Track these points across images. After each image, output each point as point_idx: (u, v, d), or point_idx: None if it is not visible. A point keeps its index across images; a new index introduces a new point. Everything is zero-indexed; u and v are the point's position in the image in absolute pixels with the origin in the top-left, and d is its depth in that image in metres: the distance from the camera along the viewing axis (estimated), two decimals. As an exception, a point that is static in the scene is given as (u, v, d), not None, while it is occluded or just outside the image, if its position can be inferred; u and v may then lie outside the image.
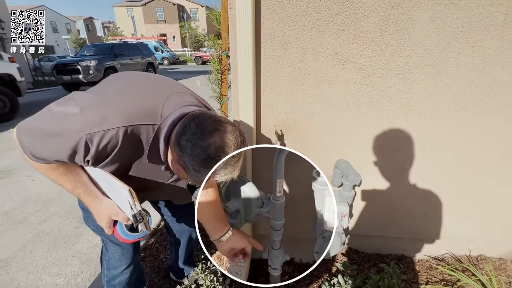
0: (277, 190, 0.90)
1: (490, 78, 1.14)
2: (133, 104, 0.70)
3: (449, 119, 1.23)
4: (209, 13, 1.87)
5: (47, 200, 2.55)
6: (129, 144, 0.70)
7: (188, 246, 1.34)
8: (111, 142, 0.67)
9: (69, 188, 0.78)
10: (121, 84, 0.79)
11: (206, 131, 0.64)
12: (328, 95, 1.22)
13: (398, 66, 1.15)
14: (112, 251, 1.02)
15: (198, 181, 0.69)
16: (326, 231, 0.82)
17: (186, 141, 0.64)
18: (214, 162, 0.63)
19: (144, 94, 0.74)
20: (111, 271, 1.07)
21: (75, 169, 0.77)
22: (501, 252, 1.58)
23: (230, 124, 0.68)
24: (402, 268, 1.53)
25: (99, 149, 0.67)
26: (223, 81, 1.72)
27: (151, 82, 0.81)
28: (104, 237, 1.01)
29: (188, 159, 0.65)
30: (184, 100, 0.77)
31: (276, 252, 0.99)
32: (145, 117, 0.70)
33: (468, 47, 1.10)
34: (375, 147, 1.32)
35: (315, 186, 0.87)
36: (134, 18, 35.99)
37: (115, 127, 0.66)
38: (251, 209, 0.91)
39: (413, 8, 1.06)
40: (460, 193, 1.39)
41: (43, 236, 2.06)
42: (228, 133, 0.65)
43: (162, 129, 0.71)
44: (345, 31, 1.11)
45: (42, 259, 1.83)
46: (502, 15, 1.04)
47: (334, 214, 0.78)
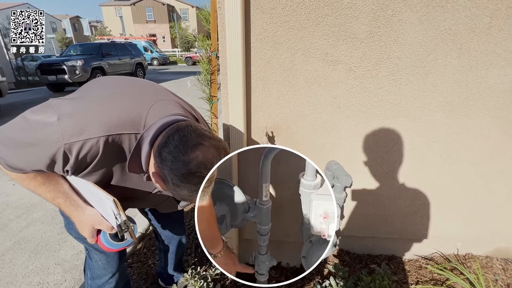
0: (263, 194, 0.87)
1: (476, 79, 1.16)
2: (114, 113, 0.67)
3: (437, 120, 1.24)
4: (198, 12, 1.84)
5: (29, 205, 2.44)
6: (111, 153, 0.67)
7: (177, 252, 1.30)
8: (91, 151, 0.64)
9: (49, 198, 0.74)
10: (102, 90, 0.75)
11: (189, 145, 0.61)
12: (319, 96, 1.22)
13: (388, 67, 1.15)
14: (96, 260, 0.98)
15: (177, 195, 0.67)
16: (313, 235, 0.80)
17: (168, 154, 0.62)
18: (195, 178, 0.61)
19: (126, 102, 0.71)
20: (95, 280, 1.01)
21: (54, 178, 0.73)
22: (487, 250, 1.61)
23: (215, 139, 0.66)
24: (392, 269, 1.54)
25: (79, 159, 0.64)
26: (212, 82, 1.69)
27: (135, 88, 0.78)
28: (87, 245, 0.96)
29: (168, 172, 0.62)
30: (170, 109, 0.74)
31: (262, 257, 0.97)
32: (128, 126, 0.67)
33: (455, 49, 1.11)
34: (366, 148, 1.32)
35: (302, 189, 0.85)
36: (122, 18, 35.33)
37: (95, 136, 0.63)
38: (237, 214, 0.89)
39: (402, 10, 1.06)
40: (447, 192, 1.41)
41: (24, 244, 1.97)
42: (212, 148, 0.63)
43: (145, 139, 0.68)
44: (336, 32, 1.10)
45: (23, 268, 1.74)
46: (488, 18, 1.06)
47: (320, 218, 0.77)
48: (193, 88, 1.85)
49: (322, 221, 0.76)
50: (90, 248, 0.96)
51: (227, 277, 1.46)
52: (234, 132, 1.25)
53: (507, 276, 1.48)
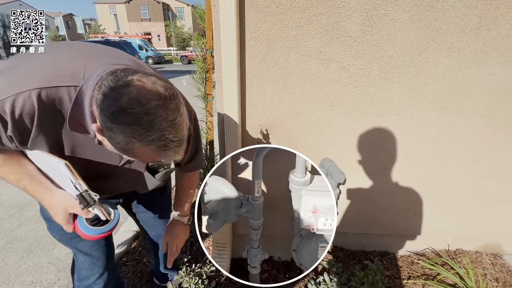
0: (256, 190, 0.91)
1: (466, 78, 1.19)
2: (50, 65, 0.62)
3: (428, 118, 1.27)
4: (193, 11, 1.83)
5: (22, 204, 2.41)
6: (51, 111, 0.60)
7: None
8: (26, 108, 0.57)
9: (13, 181, 0.69)
10: (37, 52, 0.69)
11: (122, 81, 0.53)
12: (313, 94, 1.23)
13: (380, 66, 1.17)
14: (81, 261, 0.95)
15: (115, 145, 0.56)
16: (302, 229, 0.85)
17: (99, 93, 0.54)
18: (127, 116, 0.51)
19: (64, 56, 0.65)
20: (83, 282, 0.99)
21: (16, 158, 0.67)
22: (477, 245, 1.65)
23: (162, 79, 0.57)
24: (385, 264, 1.56)
25: (16, 118, 0.57)
26: (207, 80, 1.69)
27: (78, 45, 0.71)
28: (71, 247, 0.93)
29: (99, 114, 0.54)
30: (117, 59, 0.66)
31: (255, 251, 1.02)
32: (66, 78, 0.60)
33: (445, 48, 1.13)
34: (359, 146, 1.34)
35: (292, 186, 0.89)
36: (117, 16, 34.96)
37: (26, 89, 0.56)
38: (230, 210, 0.93)
39: (394, 9, 1.08)
40: (439, 190, 1.44)
41: (16, 243, 1.95)
42: (152, 84, 0.54)
43: (84, 91, 0.59)
44: (329, 30, 1.12)
45: (15, 267, 1.72)
46: (477, 17, 1.08)
47: (309, 213, 0.81)
48: (188, 86, 1.85)
49: (311, 215, 0.80)
50: (74, 249, 0.93)
51: (222, 274, 1.47)
52: (229, 130, 1.25)
53: (495, 270, 1.52)
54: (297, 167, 0.85)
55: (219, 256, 1.29)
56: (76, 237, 0.87)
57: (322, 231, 0.79)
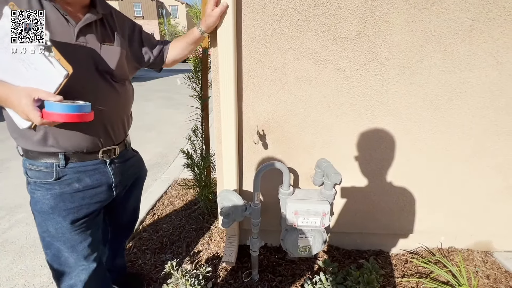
0: (255, 199, 1.24)
1: (460, 80, 1.21)
2: None
3: (423, 119, 1.29)
4: (189, 10, 1.82)
5: (12, 206, 2.36)
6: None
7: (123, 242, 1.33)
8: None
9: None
10: None
11: None
12: (309, 95, 1.23)
13: (376, 67, 1.18)
14: (54, 254, 0.91)
15: None
16: (287, 225, 1.16)
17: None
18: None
19: None
20: (65, 279, 0.95)
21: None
22: (469, 243, 1.68)
23: None
24: (380, 263, 1.58)
25: None
26: (203, 80, 1.68)
27: None
28: (60, 242, 0.89)
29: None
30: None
31: (255, 240, 1.36)
32: None
33: (439, 50, 1.15)
34: (355, 146, 1.35)
35: (280, 196, 1.21)
36: (109, 13, 34.39)
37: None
38: (238, 212, 1.24)
39: (390, 12, 1.09)
40: (432, 189, 1.47)
41: (7, 246, 1.90)
42: None
43: None
44: (325, 31, 1.12)
45: (6, 271, 1.68)
46: (470, 20, 1.10)
47: (292, 214, 1.10)
48: (183, 86, 1.83)
49: (294, 216, 1.11)
50: (62, 246, 0.90)
51: (218, 274, 1.47)
52: (225, 130, 1.25)
53: (486, 268, 1.56)
54: (284, 183, 1.18)
55: (230, 244, 1.61)
56: (71, 231, 0.88)
57: (301, 226, 1.11)
